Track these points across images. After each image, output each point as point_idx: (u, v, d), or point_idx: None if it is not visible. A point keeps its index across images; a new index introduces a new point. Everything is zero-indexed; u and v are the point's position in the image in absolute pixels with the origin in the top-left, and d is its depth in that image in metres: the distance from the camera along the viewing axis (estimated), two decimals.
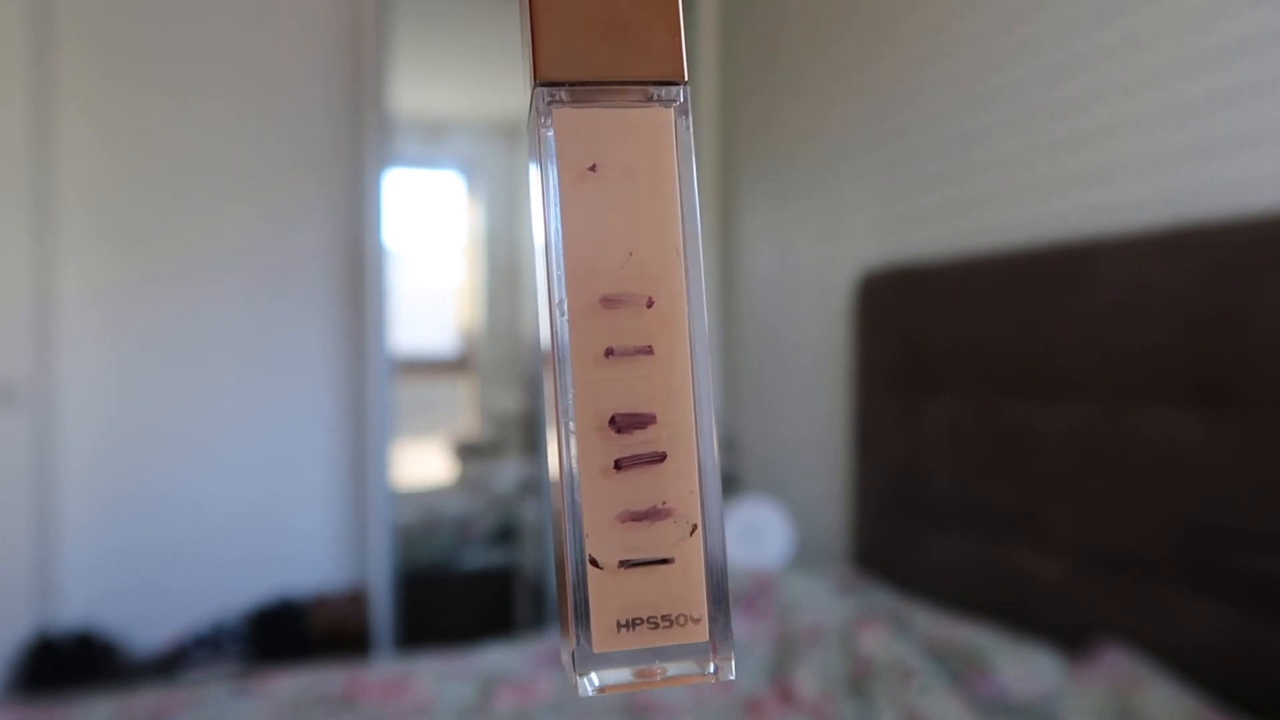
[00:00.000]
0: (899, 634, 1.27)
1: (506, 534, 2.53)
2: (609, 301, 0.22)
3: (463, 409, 2.82)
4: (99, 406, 2.06)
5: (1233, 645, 1.01)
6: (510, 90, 2.49)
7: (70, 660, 1.89)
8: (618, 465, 0.22)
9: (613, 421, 0.22)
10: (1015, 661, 1.13)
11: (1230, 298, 1.04)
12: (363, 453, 2.24)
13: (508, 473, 2.65)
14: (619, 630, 0.22)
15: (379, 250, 2.20)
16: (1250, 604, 1.00)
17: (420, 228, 2.60)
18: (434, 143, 2.69)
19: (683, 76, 0.23)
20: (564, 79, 0.23)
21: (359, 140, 2.23)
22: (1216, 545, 1.03)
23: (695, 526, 0.23)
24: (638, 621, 0.22)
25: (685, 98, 0.23)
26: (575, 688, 0.22)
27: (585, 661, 0.22)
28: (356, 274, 2.24)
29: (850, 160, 1.86)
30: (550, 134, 0.23)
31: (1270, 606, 0.97)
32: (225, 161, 2.17)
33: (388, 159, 2.20)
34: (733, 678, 0.23)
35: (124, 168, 2.10)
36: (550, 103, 0.23)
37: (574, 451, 0.22)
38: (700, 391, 0.23)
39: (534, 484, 2.45)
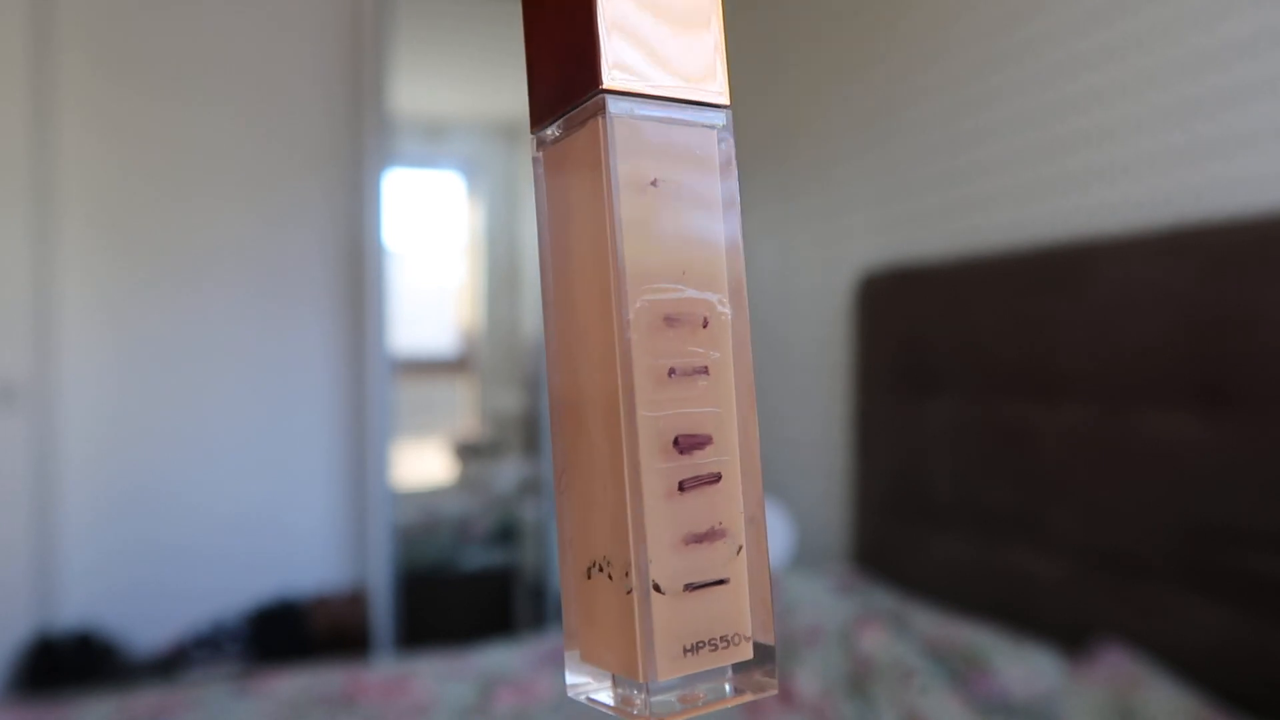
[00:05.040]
0: (899, 634, 1.27)
1: (506, 534, 2.53)
2: (672, 320, 0.22)
3: (463, 409, 2.82)
4: (99, 406, 2.06)
5: (1233, 645, 1.01)
6: (510, 90, 2.49)
7: (70, 660, 1.89)
8: (682, 487, 0.22)
9: (676, 443, 0.22)
10: (1015, 661, 1.13)
11: (1230, 298, 1.04)
12: (363, 453, 2.24)
13: (508, 473, 2.65)
14: (685, 655, 0.22)
15: (379, 250, 2.20)
16: (1250, 604, 1.00)
17: (420, 228, 2.60)
18: (434, 143, 2.68)
19: (728, 100, 0.24)
20: (624, 90, 0.23)
21: (359, 140, 2.23)
22: (1216, 545, 1.04)
23: (741, 546, 0.23)
24: (701, 645, 0.22)
25: (729, 120, 0.24)
26: None
27: (656, 691, 0.22)
28: (356, 274, 2.24)
29: (850, 160, 1.86)
30: (611, 142, 0.23)
31: (1270, 606, 0.97)
32: (225, 162, 2.17)
33: (388, 159, 2.20)
34: (775, 691, 0.23)
35: (124, 168, 2.10)
36: (611, 112, 0.23)
37: (639, 473, 0.22)
38: (746, 412, 0.23)
39: (534, 484, 2.45)
